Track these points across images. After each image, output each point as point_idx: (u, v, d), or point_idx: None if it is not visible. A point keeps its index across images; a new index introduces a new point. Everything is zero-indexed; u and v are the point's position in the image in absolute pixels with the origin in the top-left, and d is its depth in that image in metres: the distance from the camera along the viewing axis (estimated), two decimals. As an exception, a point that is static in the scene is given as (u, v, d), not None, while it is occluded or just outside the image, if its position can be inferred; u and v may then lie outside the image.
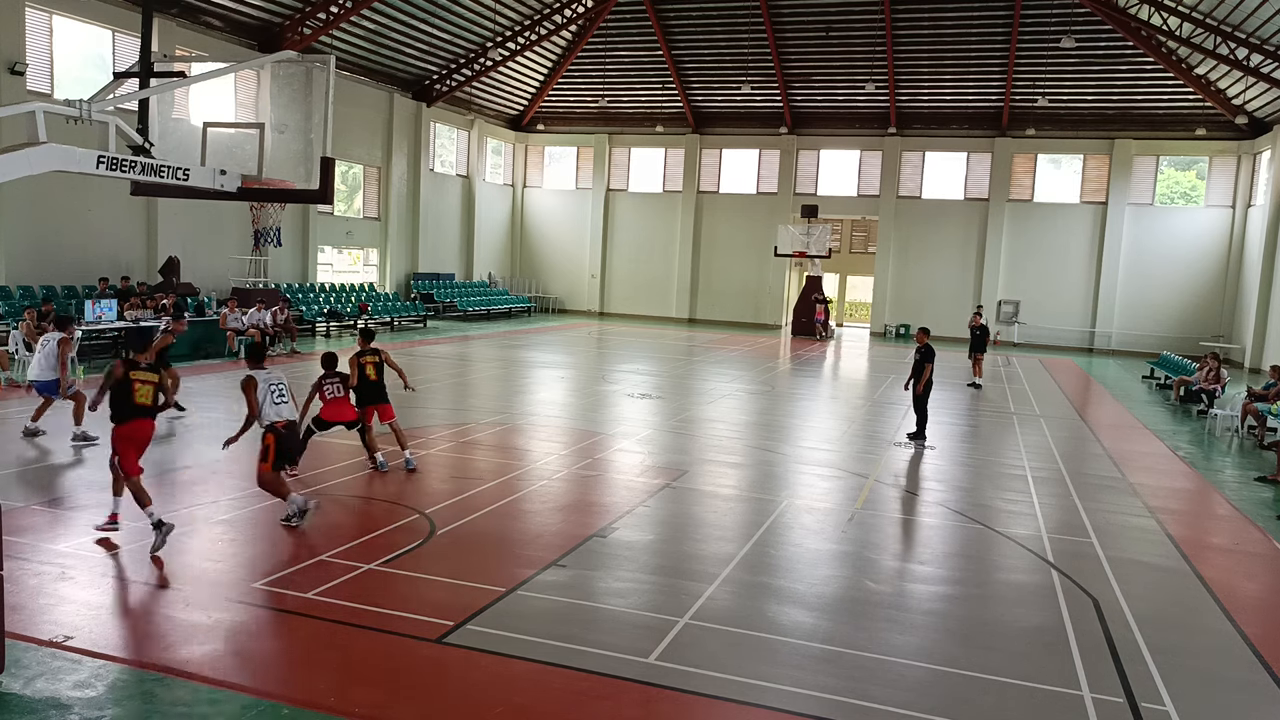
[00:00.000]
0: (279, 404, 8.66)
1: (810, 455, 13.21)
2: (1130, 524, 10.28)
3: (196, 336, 20.21)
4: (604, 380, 20.22)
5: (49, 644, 5.92)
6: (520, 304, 39.27)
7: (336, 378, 10.57)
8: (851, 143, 37.87)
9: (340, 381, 10.58)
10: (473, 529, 8.86)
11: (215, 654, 5.93)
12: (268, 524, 8.75)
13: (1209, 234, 33.46)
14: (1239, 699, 6.10)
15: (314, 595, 6.90)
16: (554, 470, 11.42)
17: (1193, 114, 32.70)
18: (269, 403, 8.60)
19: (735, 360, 25.48)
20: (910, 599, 7.62)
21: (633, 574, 7.82)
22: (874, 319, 38.65)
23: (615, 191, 40.89)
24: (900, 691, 5.88)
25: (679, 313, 40.11)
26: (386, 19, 28.98)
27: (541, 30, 34.09)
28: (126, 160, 6.87)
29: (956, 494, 11.30)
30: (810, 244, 34.81)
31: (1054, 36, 29.52)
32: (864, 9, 31.64)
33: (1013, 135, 35.38)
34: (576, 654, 6.15)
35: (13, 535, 7.68)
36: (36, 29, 20.68)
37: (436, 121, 35.91)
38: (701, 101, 38.53)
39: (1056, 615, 7.33)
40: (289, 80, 8.05)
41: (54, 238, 21.46)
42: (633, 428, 14.57)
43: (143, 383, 8.23)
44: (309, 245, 29.56)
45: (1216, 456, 15.01)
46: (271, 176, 8.02)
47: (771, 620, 6.96)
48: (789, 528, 9.40)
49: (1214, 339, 31.92)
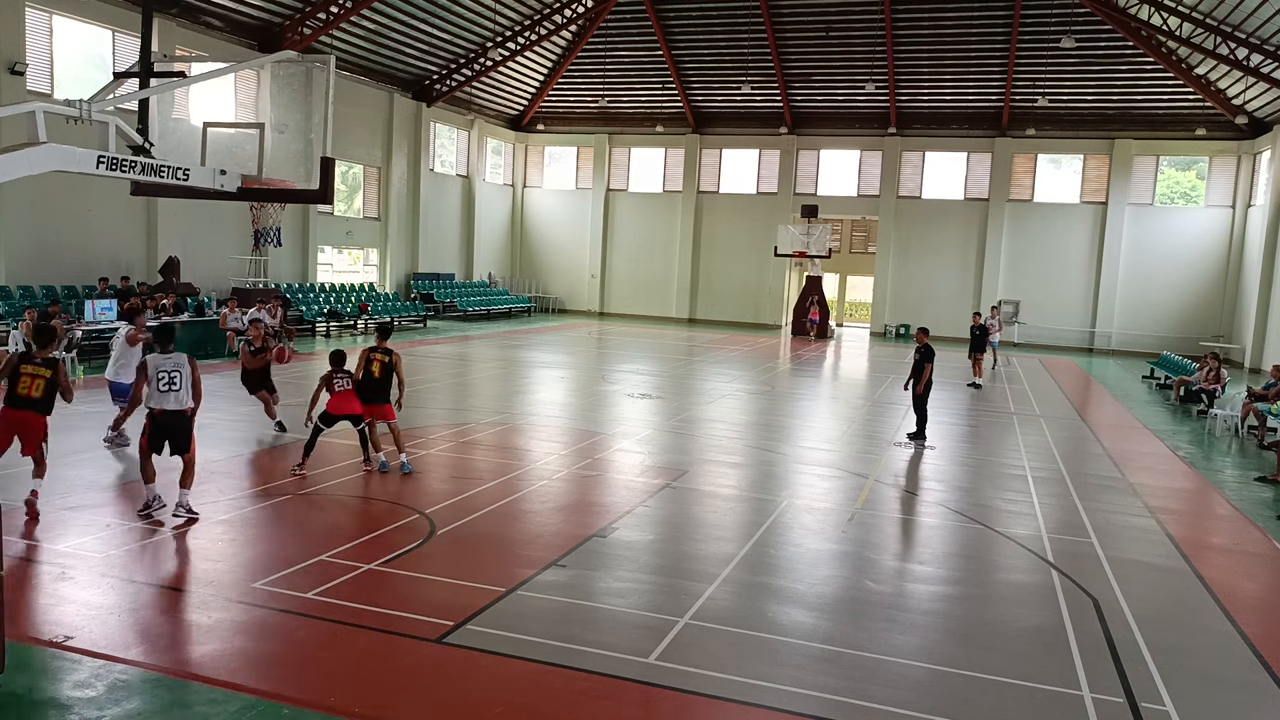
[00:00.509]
0: (164, 393, 8.52)
1: (810, 455, 13.21)
2: (1130, 524, 10.28)
3: (197, 336, 20.22)
4: (604, 380, 20.22)
5: (49, 644, 5.92)
6: (520, 304, 39.27)
7: (344, 374, 10.59)
8: (851, 143, 37.87)
9: (347, 377, 10.60)
10: (473, 529, 8.86)
11: (215, 654, 5.92)
12: (268, 524, 8.76)
13: (1209, 234, 33.46)
14: (1239, 699, 6.10)
15: (314, 595, 6.90)
16: (554, 470, 11.42)
17: (1193, 114, 32.71)
18: (154, 389, 8.52)
19: (735, 360, 25.49)
20: (910, 599, 7.62)
21: (633, 574, 7.82)
22: (874, 319, 38.66)
23: (615, 191, 40.89)
24: (900, 691, 5.88)
25: (679, 313, 40.12)
26: (386, 19, 28.98)
27: (541, 30, 34.09)
28: (126, 160, 6.87)
29: (956, 494, 11.30)
30: (810, 244, 34.81)
31: (1054, 36, 29.53)
32: (864, 9, 31.64)
33: (1013, 135, 35.39)
34: (576, 654, 6.15)
35: (13, 535, 7.68)
36: (36, 29, 20.69)
37: (436, 121, 35.92)
38: (701, 101, 38.54)
39: (1056, 615, 7.33)
40: (289, 80, 8.05)
41: (54, 238, 21.46)
42: (633, 428, 14.57)
43: (30, 375, 8.32)
44: (309, 245, 29.56)
45: (1216, 456, 15.01)
46: (271, 176, 8.03)
47: (771, 620, 6.96)
48: (789, 528, 9.40)
49: (1214, 339, 31.92)
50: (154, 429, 8.57)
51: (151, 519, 8.54)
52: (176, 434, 8.65)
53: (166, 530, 8.30)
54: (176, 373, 8.58)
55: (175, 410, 8.59)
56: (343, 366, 10.64)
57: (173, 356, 8.67)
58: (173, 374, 8.57)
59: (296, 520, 8.94)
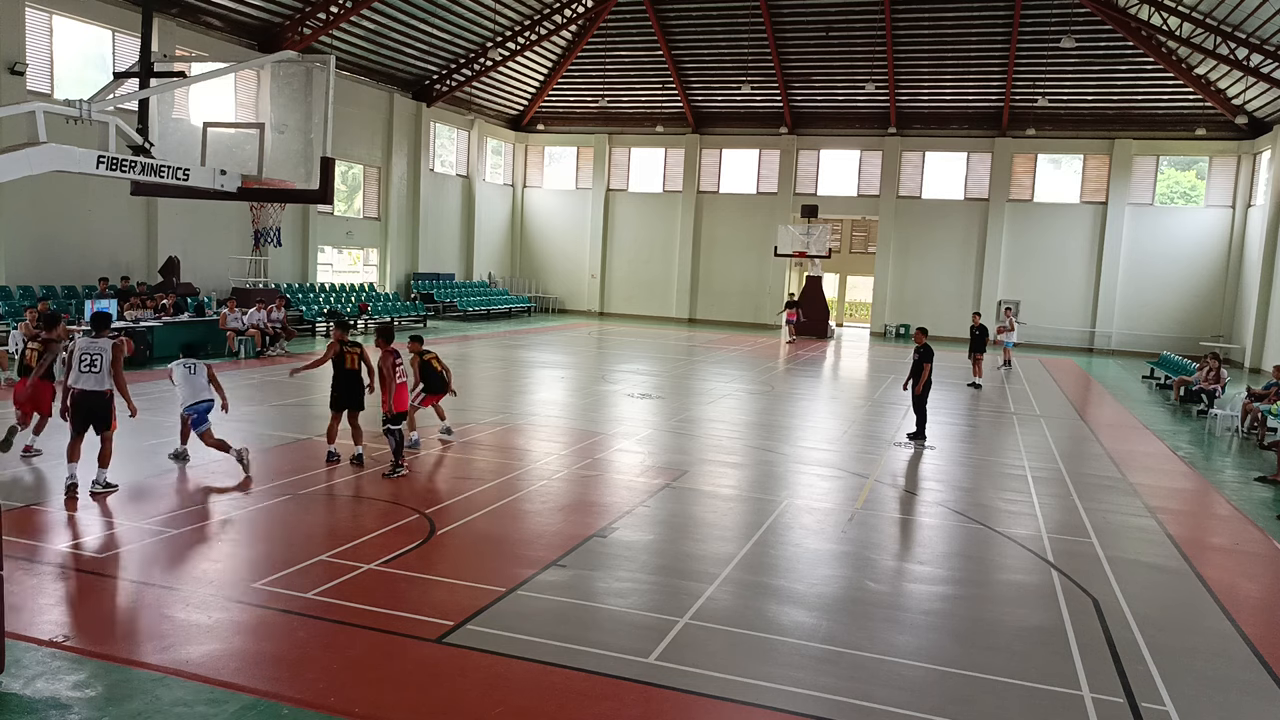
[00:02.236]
0: (84, 372, 9.14)
1: (810, 455, 13.21)
2: (1130, 524, 10.28)
3: (197, 336, 20.20)
4: (604, 380, 20.22)
5: (49, 644, 5.92)
6: (520, 304, 39.28)
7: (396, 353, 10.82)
8: (851, 143, 37.87)
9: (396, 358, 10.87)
10: (473, 529, 8.86)
11: (215, 654, 5.92)
12: (268, 524, 8.76)
13: (1209, 234, 33.47)
14: (1239, 699, 6.10)
15: (314, 595, 6.90)
16: (554, 470, 11.42)
17: (1193, 114, 32.71)
18: (75, 369, 9.18)
19: (735, 360, 25.49)
20: (910, 599, 7.62)
21: (633, 574, 7.82)
22: (874, 319, 38.66)
23: (615, 191, 40.89)
24: (900, 691, 5.88)
25: (679, 313, 40.11)
26: (386, 19, 28.98)
27: (541, 30, 34.09)
28: (126, 160, 6.86)
29: (956, 494, 11.30)
30: (810, 244, 34.80)
31: (1054, 36, 29.53)
32: (864, 9, 31.64)
33: (1013, 135, 35.39)
34: (576, 654, 6.15)
35: (13, 535, 7.69)
36: (36, 29, 20.69)
37: (436, 121, 35.92)
38: (701, 101, 38.53)
39: (1056, 615, 7.33)
40: (289, 80, 8.05)
41: (54, 238, 21.47)
42: (633, 428, 14.57)
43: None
44: (309, 245, 29.57)
45: (1216, 456, 15.01)
46: (271, 176, 8.02)
47: (771, 620, 6.96)
48: (789, 528, 9.40)
49: (1214, 339, 31.93)
50: (74, 405, 9.20)
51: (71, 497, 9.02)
52: (96, 414, 9.22)
53: (168, 530, 8.29)
54: (99, 355, 9.15)
55: (88, 390, 9.14)
56: (391, 343, 10.91)
57: (97, 341, 9.23)
58: (95, 356, 9.15)
59: (297, 520, 8.94)
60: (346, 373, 11.08)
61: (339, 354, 11.03)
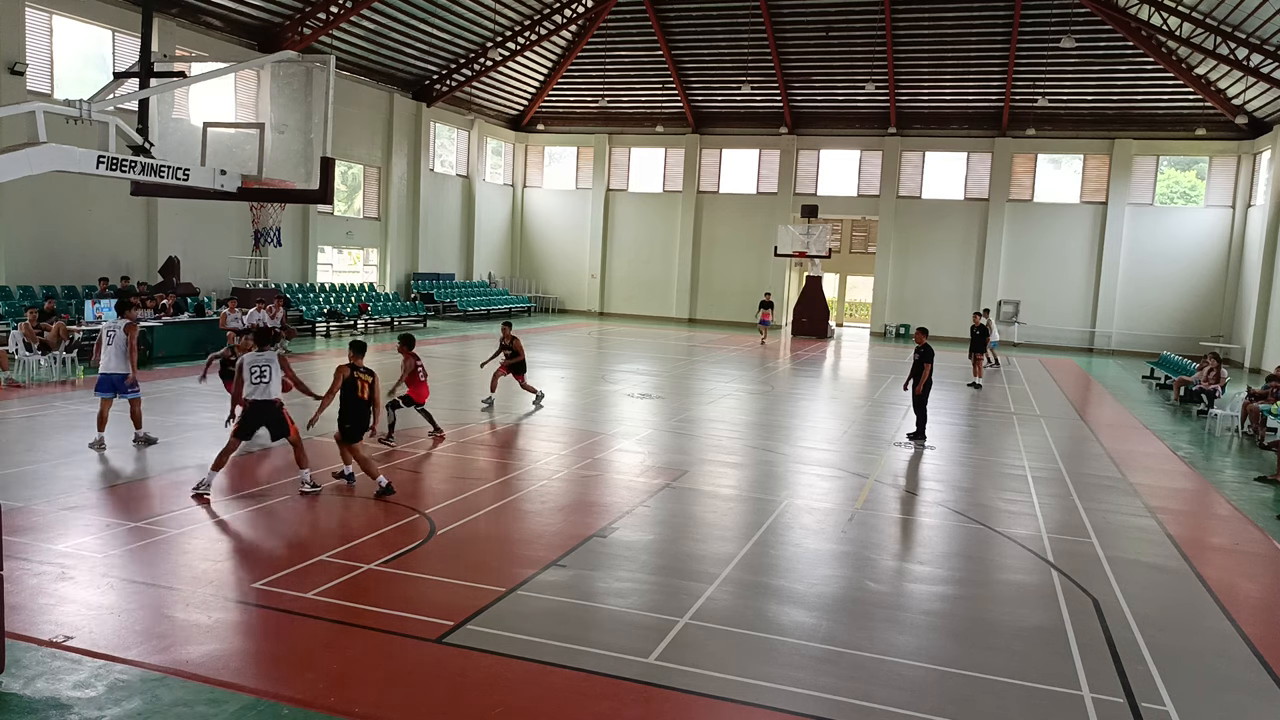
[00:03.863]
0: (255, 384, 9.51)
1: (810, 455, 13.21)
2: (1130, 524, 10.28)
3: (197, 336, 20.24)
4: (604, 380, 20.22)
5: (49, 644, 5.92)
6: (520, 304, 39.27)
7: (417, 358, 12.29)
8: (851, 143, 37.87)
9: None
10: (473, 529, 8.86)
11: (215, 654, 5.92)
12: (268, 524, 8.76)
13: (1209, 234, 33.46)
14: (1239, 699, 6.10)
15: (313, 595, 6.90)
16: (554, 470, 11.42)
17: (1193, 114, 32.71)
18: (247, 382, 9.55)
19: (735, 360, 25.48)
20: (910, 599, 7.62)
21: (633, 574, 7.82)
22: (874, 319, 38.65)
23: (615, 191, 40.89)
24: (900, 691, 5.88)
25: (679, 313, 40.11)
26: (386, 19, 28.98)
27: (541, 30, 34.09)
28: (126, 160, 6.86)
29: (956, 494, 11.30)
30: (810, 244, 34.79)
31: (1054, 36, 29.52)
32: (864, 9, 31.63)
33: (1013, 135, 35.38)
34: (576, 654, 6.15)
35: (13, 535, 7.68)
36: (36, 29, 20.68)
37: (436, 121, 35.91)
38: (701, 101, 38.53)
39: (1056, 615, 7.33)
40: (289, 80, 8.05)
41: (54, 238, 21.47)
42: (633, 428, 14.57)
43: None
44: (309, 245, 29.56)
45: (1216, 456, 15.01)
46: (271, 176, 8.02)
47: (771, 620, 6.96)
48: (789, 528, 9.40)
49: (1214, 339, 31.92)
50: (247, 419, 9.74)
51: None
52: (270, 423, 9.71)
53: (168, 530, 8.29)
54: (267, 367, 9.54)
55: (264, 400, 9.59)
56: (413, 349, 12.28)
57: (264, 354, 9.62)
58: (264, 368, 9.54)
59: (296, 520, 8.95)
60: (358, 402, 9.72)
61: (349, 380, 9.71)
